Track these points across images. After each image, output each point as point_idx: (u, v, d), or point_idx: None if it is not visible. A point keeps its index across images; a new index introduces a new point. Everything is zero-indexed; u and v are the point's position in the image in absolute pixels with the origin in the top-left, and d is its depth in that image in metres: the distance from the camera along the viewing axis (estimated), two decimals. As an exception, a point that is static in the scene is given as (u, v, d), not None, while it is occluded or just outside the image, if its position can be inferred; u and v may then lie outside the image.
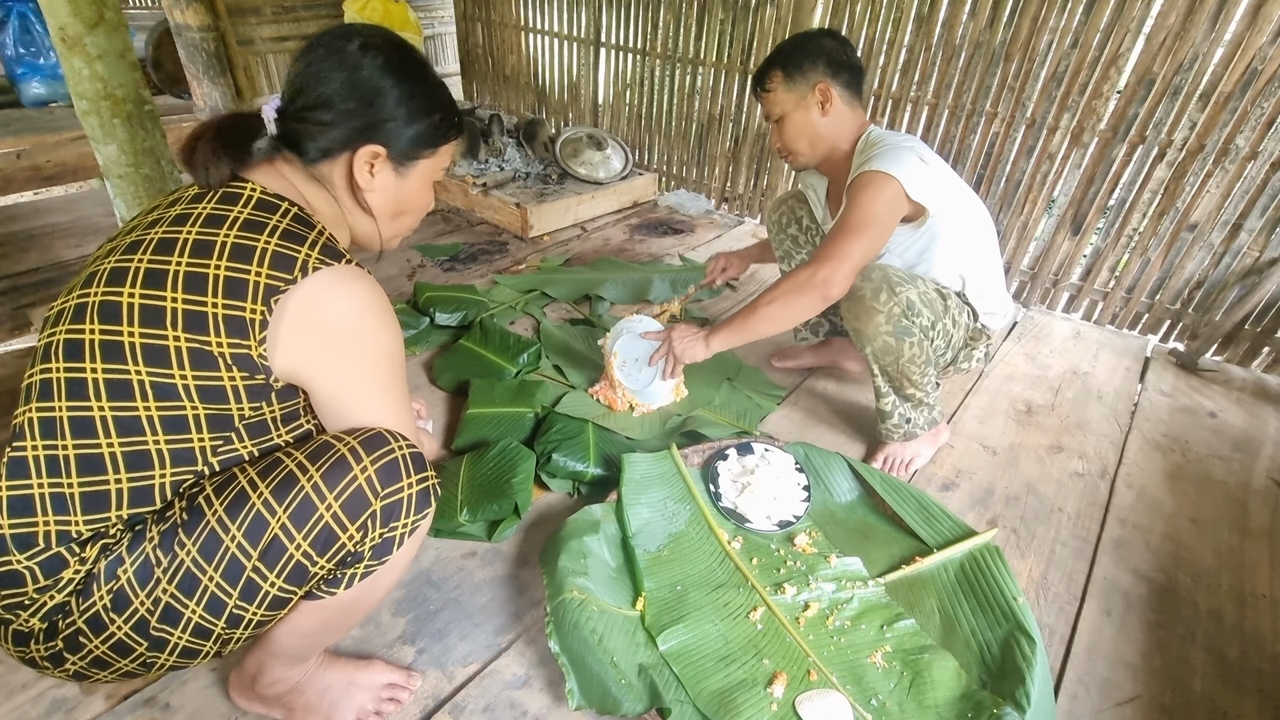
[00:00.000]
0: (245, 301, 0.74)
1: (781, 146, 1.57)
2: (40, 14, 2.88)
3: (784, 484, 1.42)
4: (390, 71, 0.85)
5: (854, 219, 1.35)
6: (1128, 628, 1.28)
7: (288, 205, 0.82)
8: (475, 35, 3.99)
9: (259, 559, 0.75)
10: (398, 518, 0.80)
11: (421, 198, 0.96)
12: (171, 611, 0.75)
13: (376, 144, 0.86)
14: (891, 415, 1.54)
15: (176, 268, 0.74)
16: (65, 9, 1.50)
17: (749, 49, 2.80)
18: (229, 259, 0.75)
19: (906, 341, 1.41)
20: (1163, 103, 2.03)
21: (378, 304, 0.82)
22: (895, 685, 1.09)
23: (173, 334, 0.72)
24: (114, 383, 0.72)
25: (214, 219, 0.78)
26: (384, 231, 0.96)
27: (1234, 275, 2.11)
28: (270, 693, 0.97)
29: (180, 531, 0.75)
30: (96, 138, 1.67)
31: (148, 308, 0.73)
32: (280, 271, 0.76)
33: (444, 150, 0.94)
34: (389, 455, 0.79)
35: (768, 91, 1.52)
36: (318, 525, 0.75)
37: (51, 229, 2.59)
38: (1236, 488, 1.65)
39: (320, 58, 0.84)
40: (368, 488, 0.77)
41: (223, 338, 0.73)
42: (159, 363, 0.72)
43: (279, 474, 0.76)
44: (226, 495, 0.76)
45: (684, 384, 1.75)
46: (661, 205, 3.19)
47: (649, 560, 1.27)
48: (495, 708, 1.06)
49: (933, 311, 1.44)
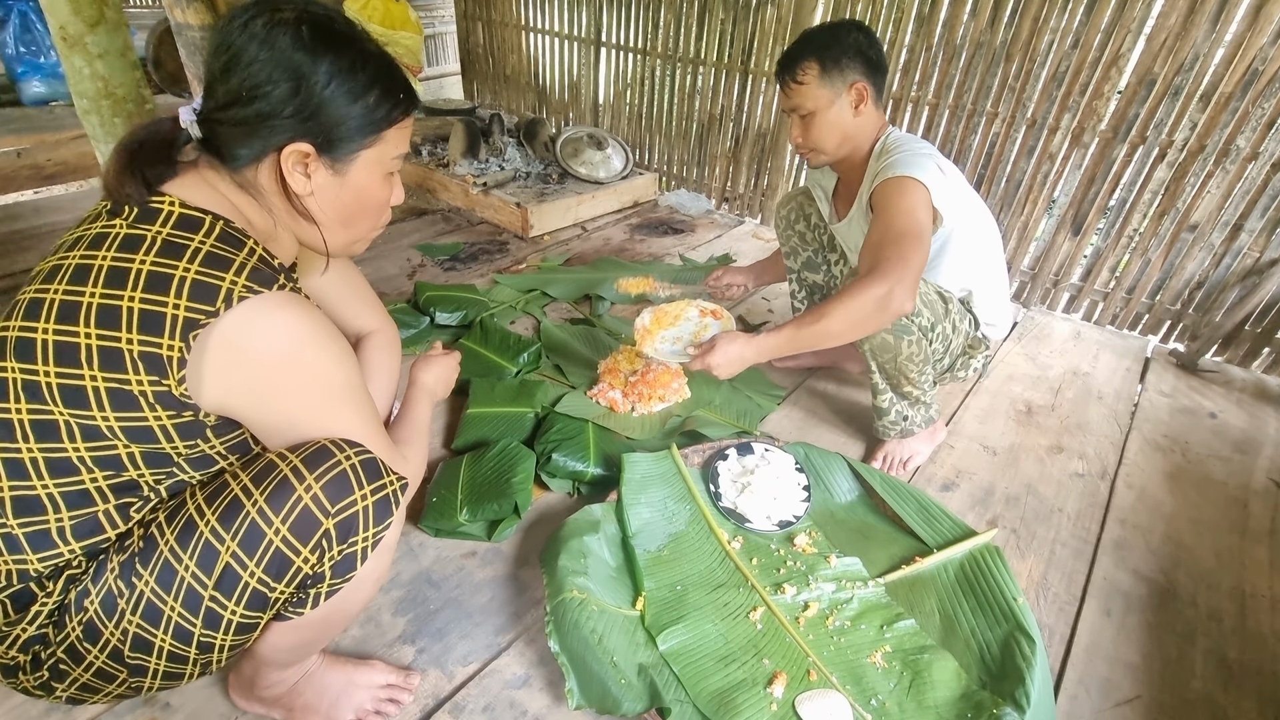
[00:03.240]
0: (161, 337, 0.67)
1: (803, 143, 1.49)
2: (41, 13, 2.88)
3: (784, 484, 1.42)
4: (301, 50, 0.72)
5: (905, 225, 1.25)
6: (1128, 628, 1.27)
7: (211, 220, 0.73)
8: (476, 35, 3.99)
9: (214, 588, 0.71)
10: (355, 532, 0.75)
11: (374, 194, 0.83)
12: (141, 641, 0.73)
13: (301, 141, 0.74)
14: (888, 413, 1.54)
15: (90, 299, 0.67)
16: (66, 8, 1.50)
17: (750, 49, 2.80)
18: (144, 289, 0.67)
19: (905, 340, 1.40)
20: (1163, 103, 2.03)
21: (312, 332, 0.74)
22: (895, 685, 1.09)
23: (89, 372, 0.67)
24: (39, 424, 0.68)
25: (130, 241, 0.70)
26: (335, 239, 0.85)
27: (1234, 276, 2.10)
28: (269, 694, 0.97)
29: (137, 562, 0.72)
30: (97, 136, 1.67)
31: (61, 344, 0.67)
32: (200, 303, 0.68)
33: (391, 135, 0.80)
34: (335, 469, 0.73)
35: (799, 84, 1.41)
36: (268, 551, 0.71)
37: (51, 228, 2.59)
38: (1236, 488, 1.65)
39: (225, 46, 0.72)
40: (315, 507, 0.72)
41: (141, 375, 0.67)
42: (78, 404, 0.67)
43: (225, 499, 0.72)
44: (176, 523, 0.72)
45: (685, 384, 1.76)
46: (662, 205, 3.19)
47: (649, 560, 1.26)
48: (495, 707, 1.06)
49: (933, 313, 1.43)
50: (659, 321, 1.63)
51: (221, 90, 0.73)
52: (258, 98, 0.72)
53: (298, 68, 0.72)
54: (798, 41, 1.42)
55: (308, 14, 0.73)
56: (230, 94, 0.73)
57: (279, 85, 0.72)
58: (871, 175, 1.42)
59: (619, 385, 1.70)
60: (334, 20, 0.75)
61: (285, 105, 0.72)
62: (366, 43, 0.77)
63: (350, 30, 0.76)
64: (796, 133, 1.49)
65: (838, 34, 1.39)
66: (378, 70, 0.77)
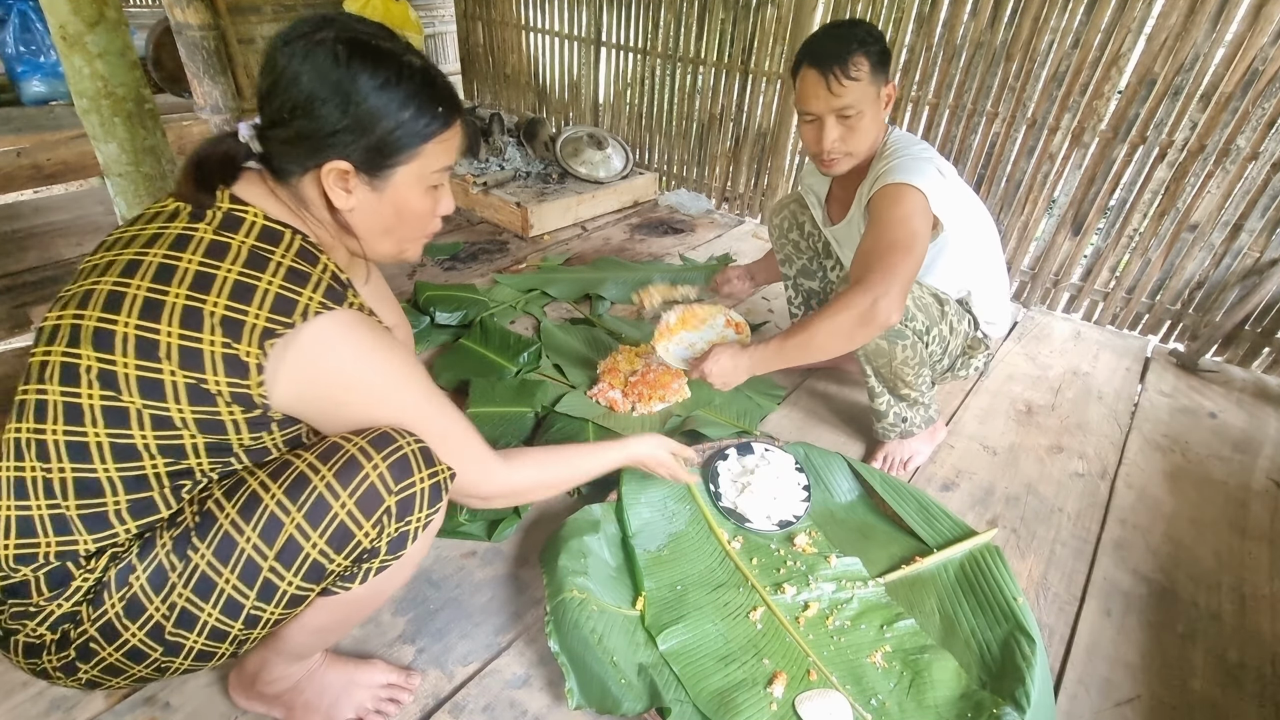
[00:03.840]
0: (241, 344, 0.71)
1: (833, 148, 1.37)
2: (40, 12, 2.88)
3: (784, 484, 1.42)
4: (338, 69, 0.74)
5: (897, 235, 1.24)
6: (1128, 628, 1.27)
7: (291, 235, 0.78)
8: (476, 34, 3.99)
9: (275, 559, 0.74)
10: (412, 512, 0.80)
11: (414, 208, 0.85)
12: (188, 616, 0.75)
13: (340, 159, 0.77)
14: (887, 415, 1.54)
15: (175, 299, 0.71)
16: (66, 7, 1.50)
17: (750, 49, 2.80)
18: (229, 297, 0.72)
19: (899, 344, 1.39)
20: (1164, 103, 2.03)
21: (378, 348, 0.79)
22: (895, 685, 1.09)
23: (168, 367, 0.70)
24: (111, 410, 0.71)
25: (216, 247, 0.74)
26: (377, 250, 0.88)
27: (1234, 276, 2.10)
28: (271, 691, 0.97)
29: (193, 536, 0.74)
30: (97, 136, 1.66)
31: (143, 339, 0.70)
32: (280, 315, 0.72)
33: (430, 149, 0.81)
34: (399, 451, 0.78)
35: (853, 80, 1.29)
36: (333, 523, 0.75)
37: (51, 227, 2.59)
38: (1236, 488, 1.65)
39: (270, 66, 0.76)
40: (380, 484, 0.77)
41: (220, 376, 0.71)
42: (154, 395, 0.71)
43: (290, 475, 0.76)
44: (238, 498, 0.75)
45: (685, 384, 1.76)
46: (662, 205, 3.19)
47: (649, 560, 1.26)
48: (495, 707, 1.06)
49: (928, 316, 1.41)
50: (684, 322, 1.62)
51: (268, 109, 0.78)
52: (297, 117, 0.75)
53: (334, 87, 0.74)
54: (836, 36, 1.31)
55: (346, 33, 0.75)
56: (274, 113, 0.77)
57: (316, 105, 0.75)
58: (873, 178, 1.39)
59: (619, 385, 1.70)
60: (372, 37, 0.77)
61: (323, 124, 0.75)
62: (406, 57, 0.78)
63: (390, 46, 0.78)
64: (835, 135, 1.35)
65: (872, 31, 1.31)
66: (414, 86, 0.78)
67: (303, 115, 0.75)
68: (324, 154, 0.77)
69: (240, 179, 0.80)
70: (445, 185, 0.88)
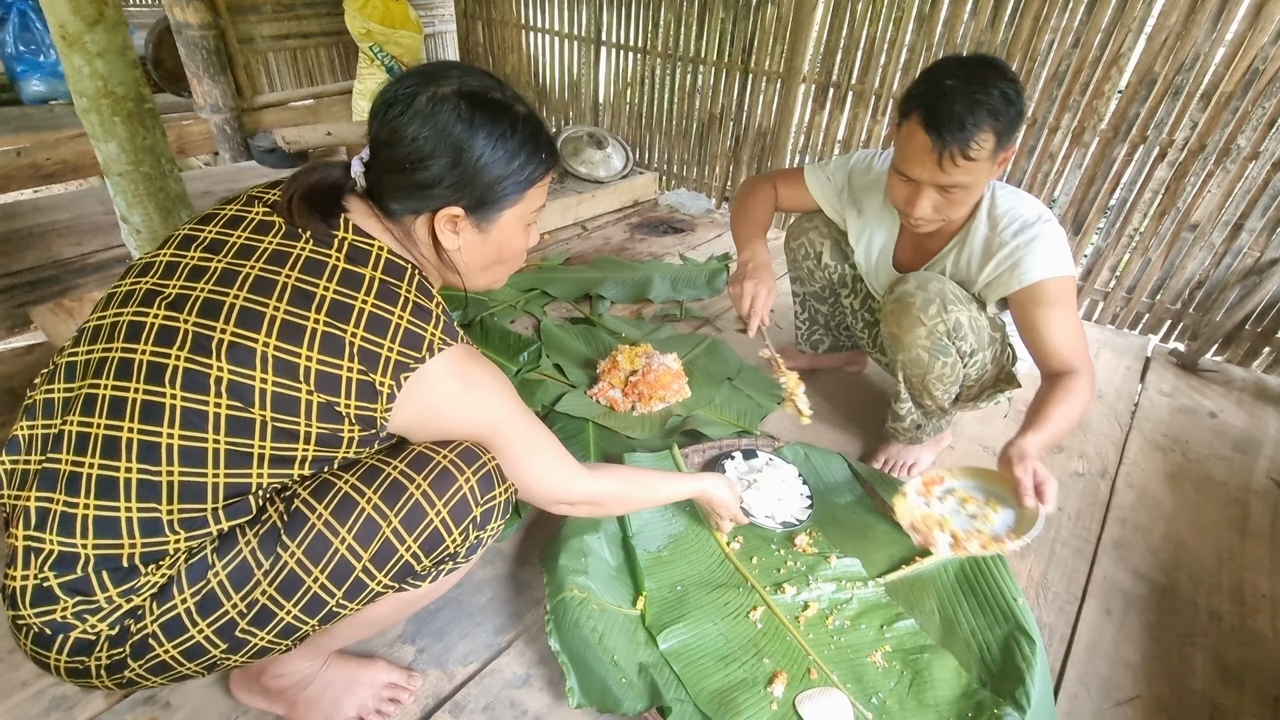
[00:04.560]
0: (376, 374, 0.76)
1: (926, 216, 1.24)
2: (40, 11, 2.88)
3: (788, 489, 1.42)
4: (461, 124, 0.79)
5: (1074, 327, 1.26)
6: (1128, 627, 1.28)
7: (411, 270, 0.82)
8: (475, 34, 3.99)
9: (370, 560, 0.78)
10: (491, 522, 0.87)
11: (514, 246, 0.92)
12: (266, 612, 0.76)
13: (453, 207, 0.82)
14: (904, 419, 1.53)
15: (314, 325, 0.74)
16: (65, 6, 1.50)
17: (750, 48, 2.80)
18: (365, 328, 0.76)
19: (940, 360, 1.35)
20: (1164, 102, 2.03)
21: (486, 381, 0.85)
22: (896, 684, 1.09)
23: (305, 387, 0.74)
24: (236, 419, 0.72)
25: (350, 278, 0.78)
26: (475, 282, 0.95)
27: (1235, 275, 2.10)
28: (275, 685, 0.97)
29: (283, 534, 0.76)
30: (97, 135, 1.66)
31: (282, 360, 0.73)
32: (410, 350, 0.77)
33: (533, 193, 0.88)
34: (484, 468, 0.85)
35: (970, 160, 1.13)
36: (427, 529, 0.80)
37: (51, 226, 2.59)
38: (1237, 488, 1.65)
39: (396, 113, 0.80)
40: (470, 497, 0.83)
41: (352, 400, 0.76)
42: (288, 410, 0.74)
43: (384, 481, 0.80)
44: (330, 499, 0.78)
45: (686, 384, 1.76)
46: (662, 204, 3.19)
47: (649, 560, 1.27)
48: (495, 706, 1.06)
49: (978, 340, 1.34)
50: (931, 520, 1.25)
51: (386, 155, 0.81)
52: (420, 169, 0.80)
53: (457, 143, 0.79)
54: (966, 97, 1.10)
55: (466, 86, 0.80)
56: (395, 162, 0.80)
57: (439, 160, 0.79)
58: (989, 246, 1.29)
59: (619, 385, 1.70)
60: (489, 90, 0.82)
61: (444, 176, 0.80)
62: (516, 106, 0.83)
63: (502, 96, 0.83)
64: (930, 205, 1.22)
65: (1013, 95, 1.12)
66: (525, 135, 0.83)
67: (423, 169, 0.80)
68: (438, 201, 0.82)
69: (352, 208, 0.83)
70: (536, 221, 0.95)
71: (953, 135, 1.11)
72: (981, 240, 1.31)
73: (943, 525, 1.21)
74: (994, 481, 1.25)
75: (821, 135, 2.76)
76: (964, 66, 1.14)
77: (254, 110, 3.50)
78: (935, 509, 1.26)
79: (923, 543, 1.20)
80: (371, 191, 0.84)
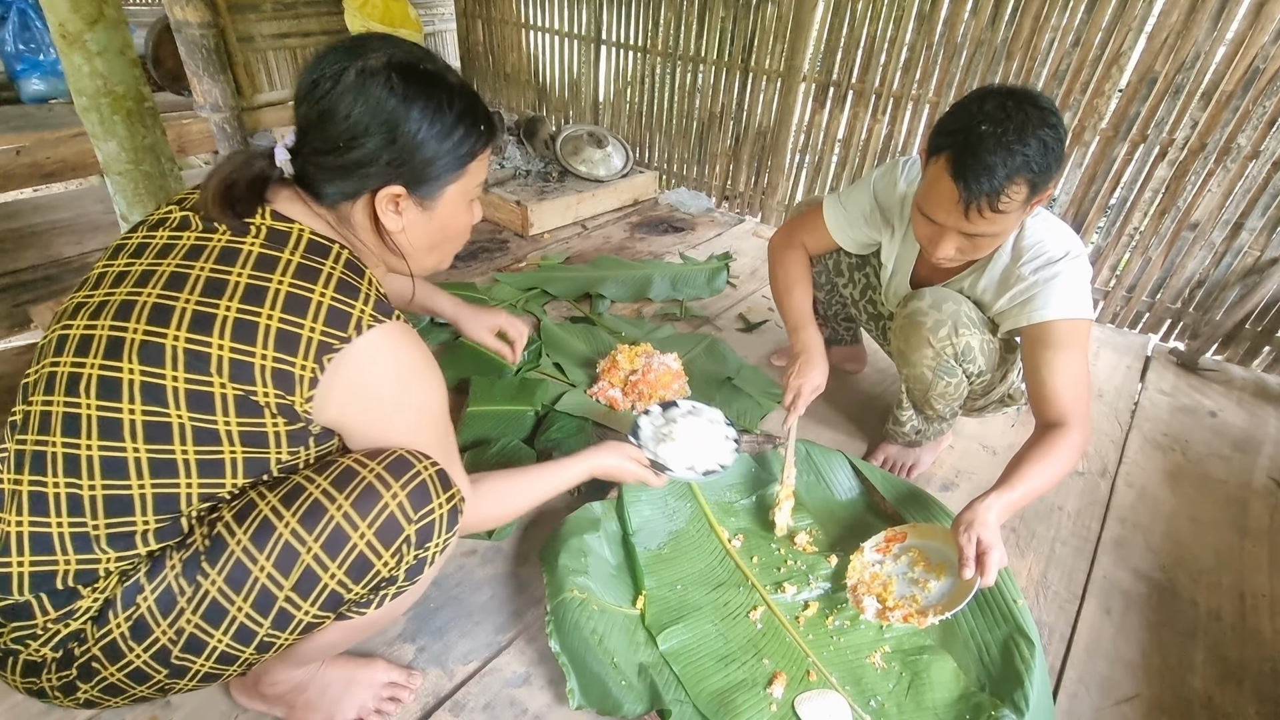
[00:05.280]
0: (296, 357, 0.71)
1: (956, 257, 1.18)
2: (40, 10, 2.87)
3: (711, 435, 1.34)
4: (394, 99, 0.75)
5: (1083, 374, 1.19)
6: (1127, 626, 1.28)
7: (339, 248, 0.78)
8: (476, 32, 3.98)
9: (291, 589, 0.73)
10: (431, 539, 0.79)
11: (458, 222, 0.88)
12: (196, 641, 0.73)
13: (394, 185, 0.79)
14: (904, 425, 1.53)
15: (226, 313, 0.70)
16: (65, 5, 1.50)
17: (750, 47, 2.80)
18: (283, 309, 0.71)
19: (944, 379, 1.35)
20: (1164, 101, 2.03)
21: (422, 363, 0.81)
22: (894, 686, 1.09)
23: (218, 380, 0.70)
24: (153, 425, 0.69)
25: (265, 261, 0.74)
26: (421, 265, 0.91)
27: (1235, 274, 2.10)
28: (272, 691, 0.97)
29: (203, 560, 0.72)
30: (96, 134, 1.66)
31: (193, 352, 0.69)
32: (334, 329, 0.73)
33: (474, 167, 0.84)
34: (417, 478, 0.77)
35: (1000, 213, 1.06)
36: (352, 554, 0.74)
37: (51, 225, 2.59)
38: (1236, 487, 1.65)
39: (322, 91, 0.75)
40: (400, 514, 0.75)
41: (269, 389, 0.71)
42: (203, 408, 0.70)
43: (304, 502, 0.74)
44: (249, 523, 0.73)
45: (686, 383, 1.76)
46: (662, 203, 3.19)
47: (649, 558, 1.27)
48: (495, 705, 1.06)
49: (988, 363, 1.33)
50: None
51: (316, 137, 0.77)
52: (354, 148, 0.75)
53: (391, 118, 0.75)
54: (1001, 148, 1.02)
55: (396, 59, 0.76)
56: (326, 142, 0.76)
57: (374, 137, 0.75)
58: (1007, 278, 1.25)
59: (618, 384, 1.70)
60: (420, 61, 0.78)
61: (379, 153, 0.76)
62: (449, 77, 0.80)
63: (434, 68, 0.79)
64: (953, 248, 1.16)
65: (1052, 143, 1.02)
66: (462, 106, 0.79)
67: (357, 147, 0.75)
68: (376, 180, 0.78)
69: (276, 197, 0.80)
70: (478, 197, 0.91)
71: (981, 188, 1.03)
72: (1001, 270, 1.26)
73: (886, 587, 1.18)
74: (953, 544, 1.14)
75: (821, 134, 2.76)
76: (1002, 108, 1.03)
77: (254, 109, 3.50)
78: (887, 568, 1.23)
79: (855, 605, 1.16)
80: (302, 178, 0.80)
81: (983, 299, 1.32)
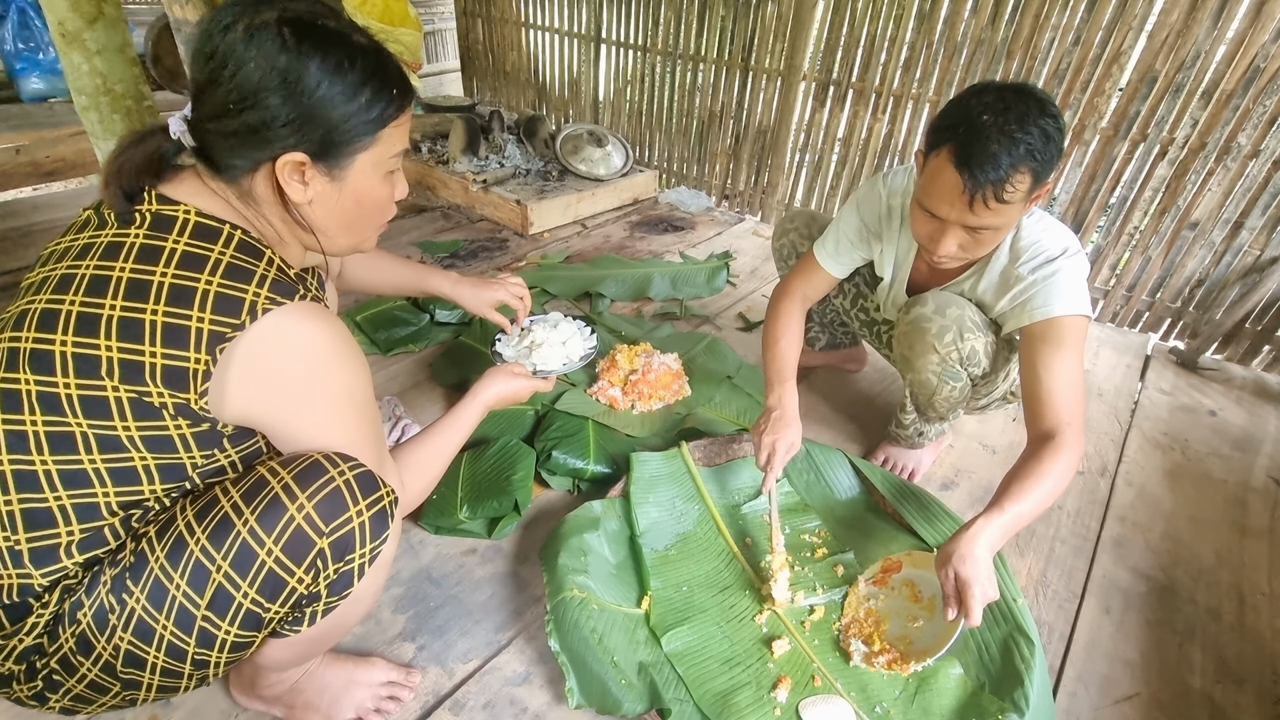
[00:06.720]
0: (187, 350, 0.67)
1: (958, 254, 1.16)
2: (39, 9, 2.87)
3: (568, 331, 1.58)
4: (286, 54, 0.68)
5: (1078, 377, 1.15)
6: (1127, 625, 1.28)
7: (229, 230, 0.72)
8: (475, 31, 3.98)
9: (207, 608, 0.70)
10: (351, 550, 0.74)
11: (374, 196, 0.81)
12: (134, 657, 0.71)
13: (294, 151, 0.72)
14: (907, 427, 1.53)
15: (110, 312, 0.67)
16: (64, 4, 1.50)
17: (750, 46, 2.79)
18: (167, 302, 0.67)
19: (949, 384, 1.34)
20: (1165, 100, 2.03)
21: (334, 343, 0.74)
22: (900, 693, 1.08)
23: (110, 384, 0.66)
24: (56, 436, 0.67)
25: (148, 252, 0.69)
26: (337, 244, 0.83)
27: (1235, 274, 2.10)
28: (269, 693, 0.97)
29: (128, 578, 0.70)
30: (96, 133, 1.66)
31: (82, 356, 0.66)
32: (225, 316, 0.68)
33: (388, 134, 0.77)
34: (327, 486, 0.72)
35: (1004, 203, 1.05)
36: (261, 572, 0.70)
37: (50, 224, 2.58)
38: (1236, 486, 1.65)
39: (207, 53, 0.69)
40: (308, 526, 0.70)
41: (162, 388, 0.67)
42: (99, 414, 0.67)
43: (215, 517, 0.70)
44: (167, 540, 0.70)
45: (686, 382, 1.76)
46: (662, 202, 3.19)
47: (656, 559, 1.27)
48: (495, 704, 1.07)
49: (992, 366, 1.33)
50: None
51: (208, 101, 0.71)
52: (246, 109, 0.69)
53: (284, 74, 0.68)
54: (1004, 137, 1.01)
55: (289, 13, 0.69)
56: (217, 105, 0.70)
57: (266, 95, 0.68)
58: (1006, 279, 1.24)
59: (618, 383, 1.70)
60: (316, 16, 0.71)
61: (275, 115, 0.69)
62: (354, 36, 0.73)
63: (336, 25, 0.72)
64: (955, 244, 1.14)
65: (1047, 131, 1.02)
66: (369, 67, 0.73)
67: (250, 107, 0.69)
68: (275, 146, 0.71)
69: (170, 178, 0.74)
70: (400, 170, 0.84)
71: (986, 176, 1.02)
72: (1000, 272, 1.26)
73: (878, 625, 1.14)
74: None
75: (822, 133, 2.75)
76: (1001, 99, 1.04)
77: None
78: (883, 602, 1.19)
79: (844, 646, 1.13)
80: (203, 153, 0.73)
81: (984, 301, 1.31)
